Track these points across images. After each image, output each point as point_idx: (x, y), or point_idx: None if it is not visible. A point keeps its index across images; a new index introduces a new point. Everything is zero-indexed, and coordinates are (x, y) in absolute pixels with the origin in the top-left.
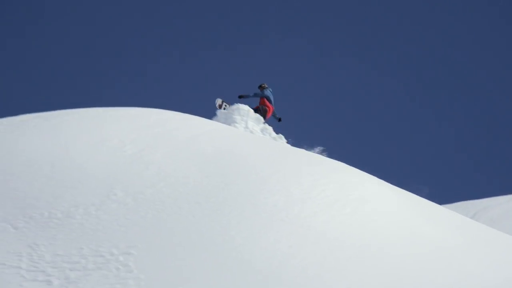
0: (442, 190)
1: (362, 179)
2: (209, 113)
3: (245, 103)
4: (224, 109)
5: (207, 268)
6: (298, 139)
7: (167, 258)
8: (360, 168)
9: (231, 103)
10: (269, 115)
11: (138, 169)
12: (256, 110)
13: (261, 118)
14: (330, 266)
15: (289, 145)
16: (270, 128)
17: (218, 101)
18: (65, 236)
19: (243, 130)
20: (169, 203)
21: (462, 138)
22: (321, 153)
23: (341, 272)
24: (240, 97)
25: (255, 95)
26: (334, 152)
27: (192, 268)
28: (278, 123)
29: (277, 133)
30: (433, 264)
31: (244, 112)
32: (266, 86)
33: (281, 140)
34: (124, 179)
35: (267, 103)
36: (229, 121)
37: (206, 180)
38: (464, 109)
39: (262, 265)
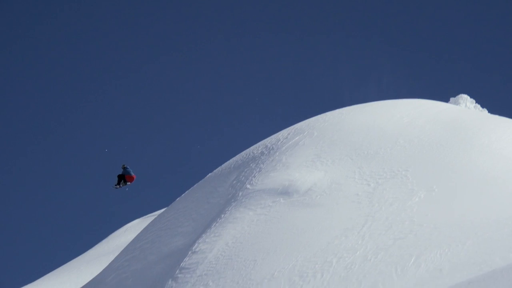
0: None
1: None
2: None
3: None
4: (122, 179)
5: (443, 181)
6: (494, 109)
7: (433, 177)
8: None
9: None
10: (131, 181)
11: (408, 129)
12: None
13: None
14: None
15: (489, 114)
16: (478, 105)
17: (123, 167)
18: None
19: (463, 107)
20: (424, 145)
21: None
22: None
23: None
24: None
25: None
26: None
27: (431, 181)
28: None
29: (482, 107)
30: None
31: (463, 99)
32: (126, 166)
33: (485, 111)
34: (405, 133)
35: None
36: (456, 104)
37: (444, 133)
38: None
39: (479, 177)
